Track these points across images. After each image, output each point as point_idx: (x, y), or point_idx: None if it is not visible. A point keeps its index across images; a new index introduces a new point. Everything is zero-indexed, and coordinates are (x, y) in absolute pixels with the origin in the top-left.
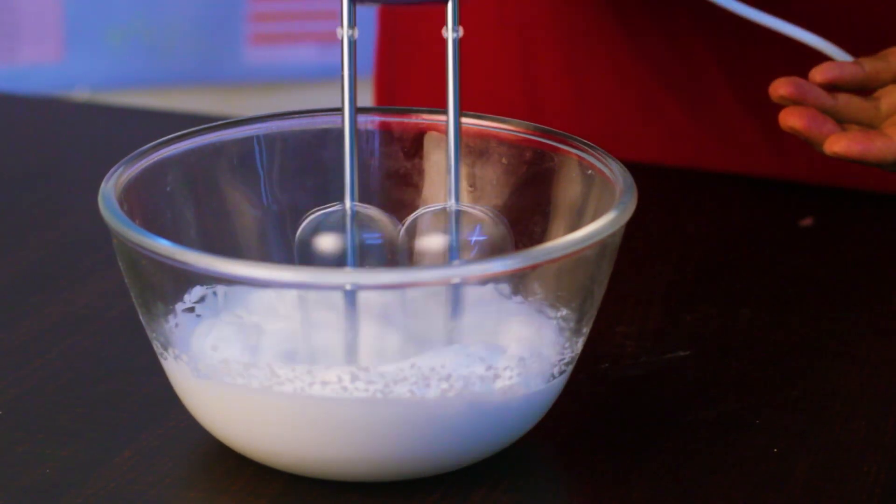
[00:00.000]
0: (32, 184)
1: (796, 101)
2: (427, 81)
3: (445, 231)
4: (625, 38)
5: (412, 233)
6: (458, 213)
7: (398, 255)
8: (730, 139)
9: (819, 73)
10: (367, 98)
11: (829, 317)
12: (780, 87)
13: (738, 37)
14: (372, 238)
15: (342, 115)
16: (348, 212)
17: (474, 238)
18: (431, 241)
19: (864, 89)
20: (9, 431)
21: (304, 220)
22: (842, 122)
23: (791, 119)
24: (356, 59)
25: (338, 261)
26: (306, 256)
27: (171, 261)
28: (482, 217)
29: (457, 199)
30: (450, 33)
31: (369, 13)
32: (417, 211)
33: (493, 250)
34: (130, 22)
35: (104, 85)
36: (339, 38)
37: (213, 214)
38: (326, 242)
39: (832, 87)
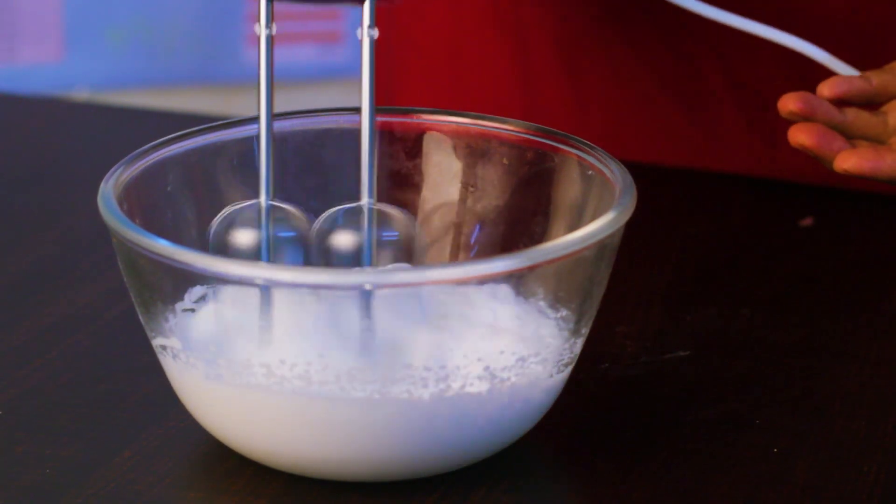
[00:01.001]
0: (32, 184)
1: (805, 117)
2: (424, 82)
3: (358, 229)
4: (623, 38)
5: (326, 230)
6: (371, 210)
7: (310, 251)
8: (730, 139)
9: (827, 88)
10: (356, 99)
11: (829, 317)
12: (790, 103)
13: (737, 36)
14: (286, 233)
15: (258, 108)
16: (263, 206)
17: (384, 236)
18: (343, 239)
19: (872, 103)
20: (9, 431)
21: (219, 215)
22: (850, 137)
23: (800, 136)
24: (273, 56)
25: (252, 256)
26: (220, 251)
27: (171, 261)
28: (394, 215)
29: (370, 195)
30: (365, 32)
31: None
32: (331, 209)
33: (401, 249)
34: (130, 22)
35: (104, 85)
36: (256, 34)
37: (213, 214)
38: (241, 237)
39: (840, 102)
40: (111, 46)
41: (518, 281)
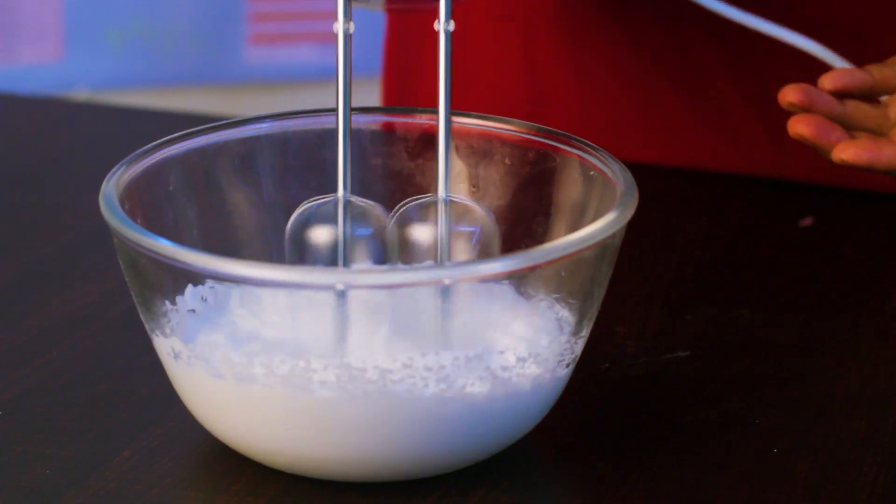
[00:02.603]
0: (32, 184)
1: (805, 108)
2: (432, 77)
3: (434, 222)
4: (627, 36)
5: (402, 224)
6: (447, 203)
7: (388, 246)
8: (730, 139)
9: (828, 81)
10: (375, 97)
11: (829, 317)
12: (789, 94)
13: (740, 36)
14: (363, 230)
15: (336, 107)
16: (341, 202)
17: (464, 228)
18: (420, 232)
19: (873, 96)
20: (9, 431)
21: (297, 211)
22: (850, 128)
23: (799, 126)
24: (351, 53)
25: (329, 253)
26: (297, 248)
27: (172, 260)
28: (471, 207)
29: (446, 189)
30: (442, 26)
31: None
32: (405, 201)
33: (482, 241)
34: (130, 22)
35: (104, 85)
36: (335, 33)
37: (214, 214)
38: (317, 235)
39: (841, 94)
40: (111, 46)
41: (519, 281)
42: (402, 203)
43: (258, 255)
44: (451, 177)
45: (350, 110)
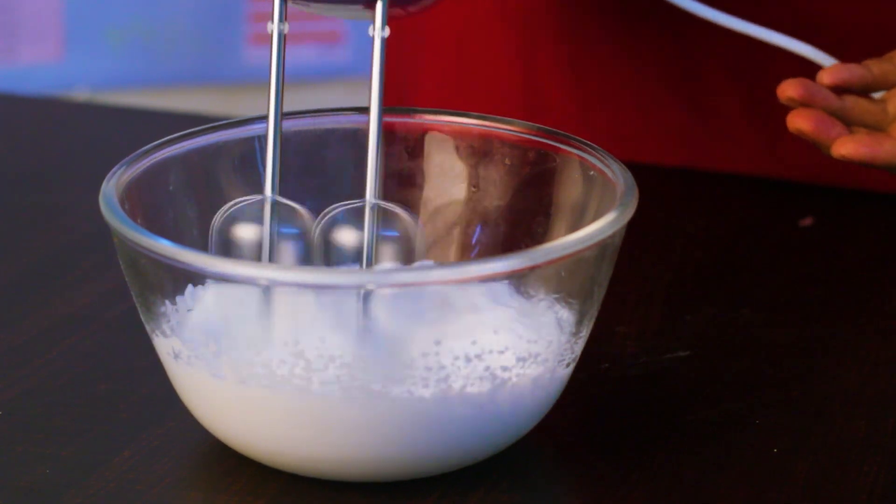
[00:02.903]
0: (32, 184)
1: (804, 103)
2: (435, 81)
3: (360, 227)
4: (625, 38)
5: (328, 228)
6: (374, 207)
7: (312, 249)
8: (730, 139)
9: (827, 75)
10: (356, 99)
11: (829, 317)
12: (788, 89)
13: (738, 36)
14: (289, 229)
15: (267, 102)
16: (268, 202)
17: (386, 234)
18: (345, 237)
19: (871, 91)
20: (9, 431)
21: (222, 208)
22: (849, 124)
23: (799, 121)
24: (285, 54)
25: (253, 251)
26: (223, 246)
27: (172, 261)
28: (397, 213)
29: (374, 194)
30: (377, 32)
31: None
32: (332, 206)
33: (402, 248)
34: (130, 22)
35: (104, 85)
36: (269, 33)
37: (214, 214)
38: (243, 232)
39: (840, 90)
40: (111, 46)
41: (519, 281)
42: (331, 207)
43: (258, 255)
44: (451, 177)
45: (281, 110)
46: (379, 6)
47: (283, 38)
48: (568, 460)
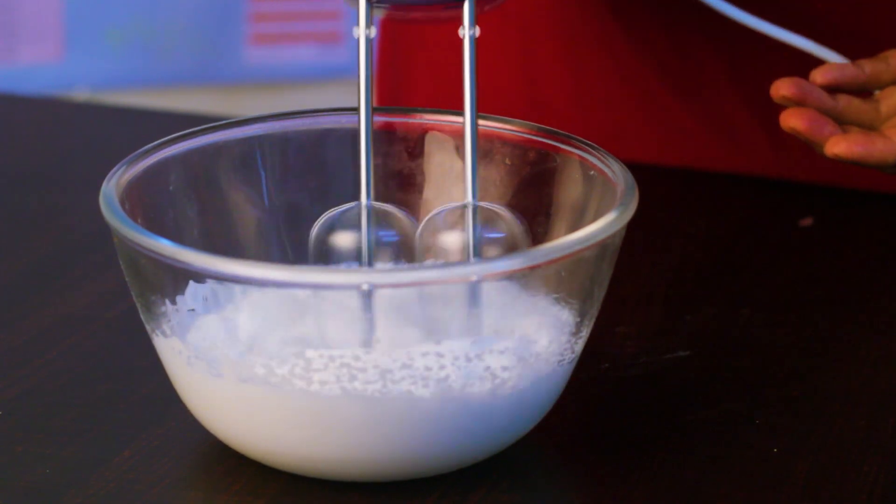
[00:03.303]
0: (32, 184)
1: (797, 102)
2: (430, 81)
3: (462, 228)
4: (626, 37)
5: (430, 230)
6: (476, 209)
7: (416, 252)
8: (730, 139)
9: (820, 75)
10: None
11: (829, 317)
12: (782, 88)
13: (739, 36)
14: (388, 236)
15: (358, 112)
16: (364, 209)
17: (493, 235)
18: (448, 239)
19: (865, 91)
20: (9, 431)
21: (321, 217)
22: (842, 123)
23: (792, 120)
24: (373, 57)
25: (353, 258)
26: (322, 253)
27: (173, 260)
28: (501, 214)
29: (474, 196)
30: (466, 31)
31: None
32: (437, 209)
33: (510, 248)
34: (130, 22)
35: (104, 85)
36: (356, 38)
37: (214, 214)
38: (341, 240)
39: (833, 89)
40: (111, 46)
41: (520, 281)
42: (435, 211)
43: (258, 255)
44: (451, 177)
45: (372, 116)
46: (466, 5)
47: (370, 42)
48: (568, 460)
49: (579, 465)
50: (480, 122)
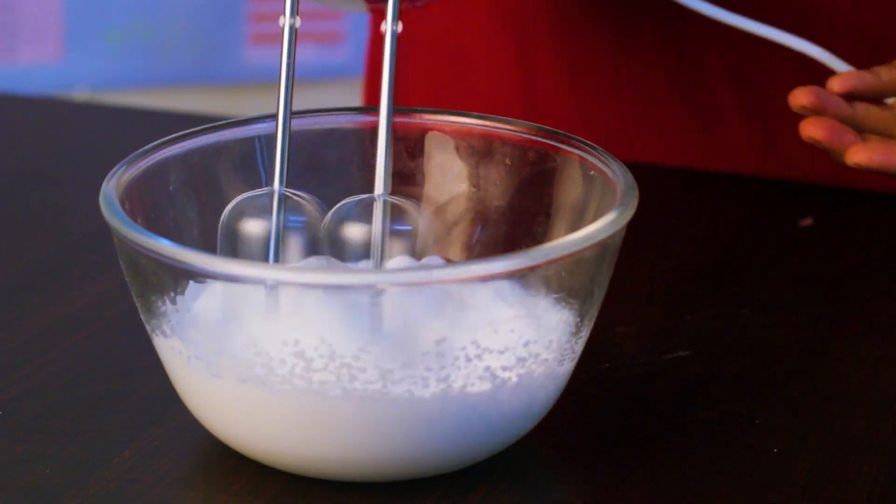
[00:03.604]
0: (32, 184)
1: (816, 111)
2: (425, 84)
3: (370, 220)
4: (625, 37)
5: (338, 220)
6: (385, 203)
7: (322, 241)
8: (730, 139)
9: (837, 83)
10: (357, 99)
11: (829, 317)
12: (800, 97)
13: (738, 37)
14: (295, 222)
15: (277, 100)
16: (276, 195)
17: (398, 228)
18: (353, 230)
19: (882, 98)
20: (9, 431)
21: (232, 202)
22: (861, 131)
23: (812, 130)
24: (296, 48)
25: (262, 244)
26: (229, 238)
27: (173, 260)
28: (406, 208)
29: (385, 189)
30: (389, 27)
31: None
32: (345, 199)
33: (415, 240)
34: (130, 22)
35: (104, 85)
36: (281, 27)
37: (214, 214)
38: (252, 226)
39: (850, 97)
40: (111, 46)
41: (519, 281)
42: (343, 201)
43: (266, 248)
44: (451, 177)
45: (291, 104)
46: (390, 2)
47: (293, 32)
48: (568, 460)
49: (579, 465)
50: (481, 121)
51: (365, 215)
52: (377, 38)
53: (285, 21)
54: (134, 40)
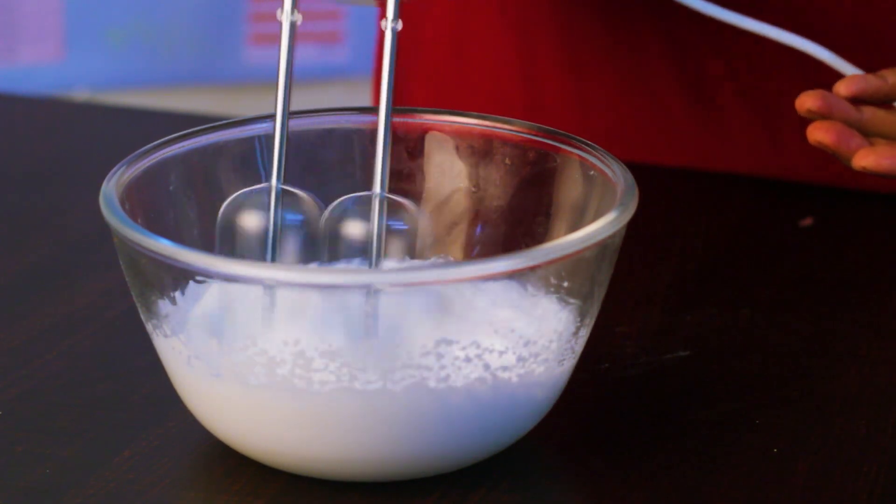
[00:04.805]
0: (32, 184)
1: (823, 115)
2: (427, 81)
3: (367, 217)
4: (627, 36)
5: (336, 217)
6: (382, 200)
7: (319, 238)
8: (730, 139)
9: (844, 87)
10: (366, 98)
11: (829, 317)
12: (808, 101)
13: (741, 36)
14: (293, 219)
15: (275, 97)
16: (273, 190)
17: (395, 226)
18: (351, 227)
19: (888, 101)
20: (9, 431)
21: (230, 198)
22: (867, 135)
23: (819, 134)
24: (295, 44)
25: (259, 241)
26: (228, 235)
27: (173, 260)
28: (406, 206)
29: (383, 187)
30: (389, 24)
31: (371, 12)
32: (342, 197)
33: (412, 239)
34: (130, 22)
35: (104, 85)
36: (279, 22)
37: (214, 214)
38: (249, 221)
39: (856, 100)
40: (111, 46)
41: (519, 281)
42: (341, 198)
43: (258, 255)
44: (451, 177)
45: (289, 102)
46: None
47: (294, 28)
48: (568, 460)
49: (579, 465)
50: (481, 121)
51: (362, 212)
52: (384, 36)
53: (285, 17)
54: (134, 40)
